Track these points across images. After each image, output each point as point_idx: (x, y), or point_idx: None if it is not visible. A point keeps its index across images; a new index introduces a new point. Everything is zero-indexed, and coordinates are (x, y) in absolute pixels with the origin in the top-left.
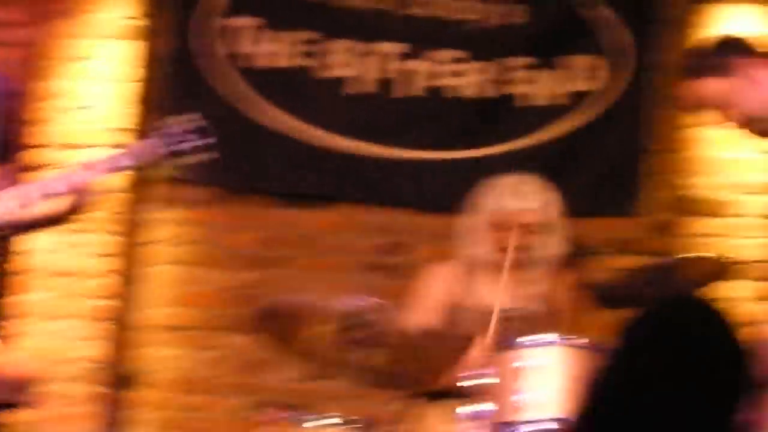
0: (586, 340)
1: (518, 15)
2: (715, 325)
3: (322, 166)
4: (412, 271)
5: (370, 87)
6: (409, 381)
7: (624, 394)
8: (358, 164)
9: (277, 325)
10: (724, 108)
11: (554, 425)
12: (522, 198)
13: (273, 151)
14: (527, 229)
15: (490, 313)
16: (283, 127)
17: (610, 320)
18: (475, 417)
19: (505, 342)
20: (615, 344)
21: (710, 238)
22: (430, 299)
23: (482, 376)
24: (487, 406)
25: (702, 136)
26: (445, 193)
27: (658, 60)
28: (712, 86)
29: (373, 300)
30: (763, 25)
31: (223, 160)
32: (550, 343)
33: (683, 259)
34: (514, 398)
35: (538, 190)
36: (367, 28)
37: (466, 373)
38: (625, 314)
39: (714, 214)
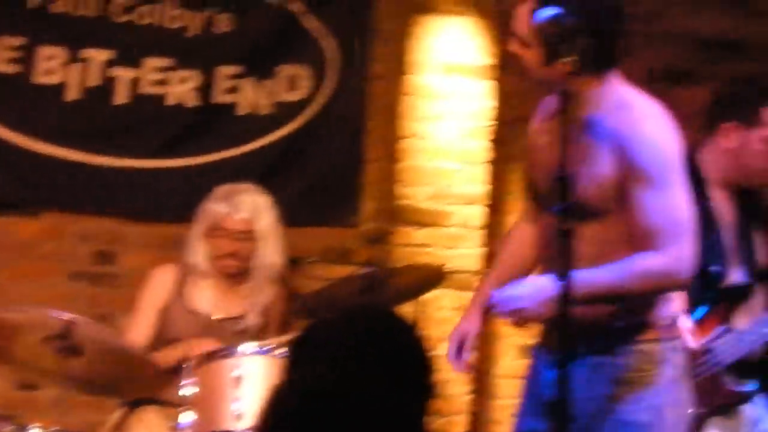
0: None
1: (224, 24)
2: (392, 334)
3: (29, 173)
4: (120, 280)
5: (79, 94)
6: (123, 390)
7: (293, 404)
8: (67, 172)
9: None
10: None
11: None
12: (234, 205)
13: None
14: (240, 236)
15: (204, 321)
16: None
17: None
18: (190, 426)
19: (216, 351)
20: (290, 354)
21: (423, 248)
22: (147, 304)
23: (194, 385)
24: (197, 416)
25: (415, 147)
26: (155, 201)
27: (370, 71)
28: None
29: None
30: (475, 35)
31: None
32: (259, 353)
33: (394, 268)
34: (222, 408)
35: (250, 198)
36: (74, 34)
37: (182, 382)
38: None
39: (427, 224)
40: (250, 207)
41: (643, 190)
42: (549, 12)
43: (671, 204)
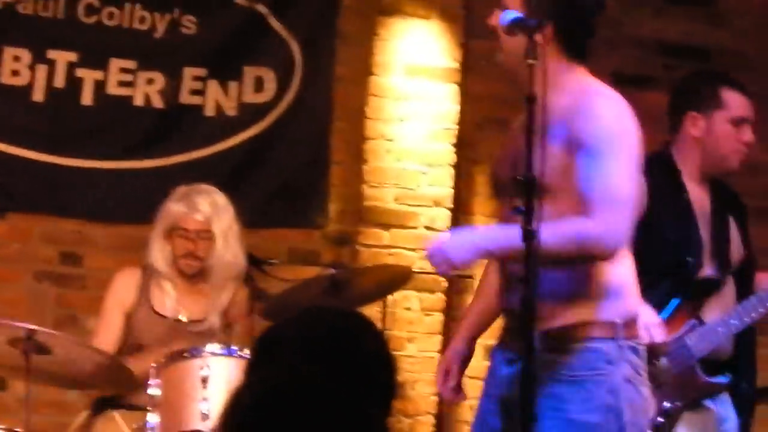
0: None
1: (188, 26)
2: (353, 334)
3: None
4: (86, 281)
5: (45, 95)
6: (93, 386)
7: (251, 407)
8: (33, 173)
9: None
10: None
11: None
12: (191, 205)
13: None
14: (199, 236)
15: (169, 323)
16: None
17: None
18: (157, 426)
19: (183, 351)
20: (250, 356)
21: (389, 249)
22: (113, 308)
23: (160, 385)
24: (164, 416)
25: (381, 148)
26: (122, 202)
27: (335, 72)
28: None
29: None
30: (440, 38)
31: None
32: (226, 353)
33: (360, 269)
34: (189, 408)
35: (208, 198)
36: (40, 35)
37: (147, 383)
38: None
39: (393, 225)
40: (208, 207)
41: (581, 159)
42: (511, 15)
43: (606, 174)
